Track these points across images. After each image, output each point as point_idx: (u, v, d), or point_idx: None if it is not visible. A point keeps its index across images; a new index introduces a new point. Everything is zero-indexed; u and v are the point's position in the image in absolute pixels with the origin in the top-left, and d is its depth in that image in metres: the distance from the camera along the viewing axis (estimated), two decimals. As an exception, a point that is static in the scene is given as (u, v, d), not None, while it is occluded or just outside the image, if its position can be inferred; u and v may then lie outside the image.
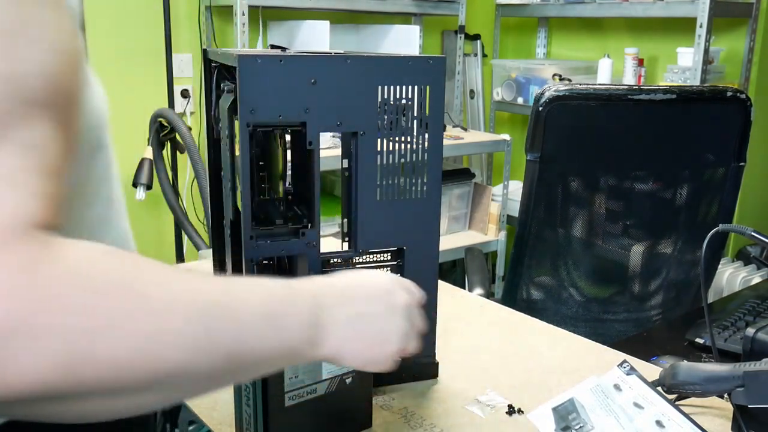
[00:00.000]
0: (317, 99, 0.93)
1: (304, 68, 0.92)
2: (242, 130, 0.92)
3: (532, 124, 1.47)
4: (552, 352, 1.19)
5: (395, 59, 0.96)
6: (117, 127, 2.70)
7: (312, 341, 0.61)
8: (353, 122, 0.96)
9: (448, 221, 3.10)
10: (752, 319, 1.36)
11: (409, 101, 0.97)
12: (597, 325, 1.70)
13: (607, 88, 1.48)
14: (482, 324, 1.31)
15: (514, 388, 1.06)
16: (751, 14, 2.82)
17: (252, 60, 0.89)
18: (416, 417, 0.98)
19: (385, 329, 0.68)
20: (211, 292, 0.55)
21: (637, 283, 1.71)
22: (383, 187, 0.99)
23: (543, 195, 1.55)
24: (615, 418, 0.90)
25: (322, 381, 0.88)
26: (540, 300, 1.69)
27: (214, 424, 0.95)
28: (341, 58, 0.93)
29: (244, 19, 2.63)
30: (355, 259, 1.04)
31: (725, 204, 1.64)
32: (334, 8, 2.87)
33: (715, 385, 0.90)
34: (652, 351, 1.29)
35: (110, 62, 2.75)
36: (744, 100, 1.53)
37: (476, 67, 3.69)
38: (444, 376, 1.09)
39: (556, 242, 1.65)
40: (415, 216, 1.01)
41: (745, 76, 2.89)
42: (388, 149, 0.98)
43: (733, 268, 2.74)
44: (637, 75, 3.01)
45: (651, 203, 1.65)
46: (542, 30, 3.65)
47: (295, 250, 0.98)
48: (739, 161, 1.60)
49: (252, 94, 0.90)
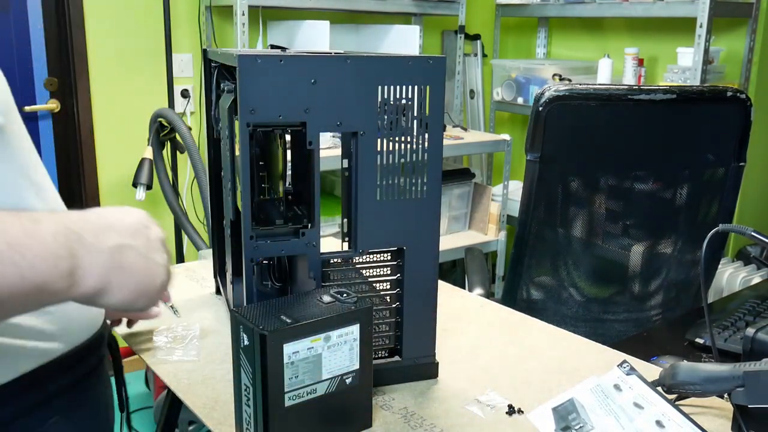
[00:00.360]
0: (317, 99, 0.93)
1: (304, 68, 0.92)
2: (242, 130, 0.92)
3: (532, 124, 1.47)
4: (552, 352, 1.19)
5: (395, 59, 0.96)
6: (117, 127, 2.71)
7: (69, 275, 0.58)
8: (353, 122, 0.96)
9: (448, 221, 3.10)
10: (752, 319, 1.36)
11: (409, 101, 0.97)
12: (597, 325, 1.70)
13: (607, 88, 1.48)
14: (482, 324, 1.31)
15: (514, 388, 1.06)
16: (751, 14, 2.82)
17: (252, 60, 0.89)
18: (416, 417, 0.98)
19: (150, 261, 0.67)
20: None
21: (637, 283, 1.71)
22: (383, 187, 0.99)
23: (543, 195, 1.55)
24: (615, 418, 0.90)
25: (322, 381, 0.88)
26: (540, 300, 1.69)
27: (214, 424, 0.95)
28: (341, 58, 0.93)
29: (244, 19, 2.63)
30: (355, 259, 1.04)
31: (725, 204, 1.64)
32: (334, 8, 2.87)
33: (715, 385, 0.90)
34: (652, 351, 1.29)
35: (110, 62, 2.75)
36: (744, 100, 1.53)
37: (476, 67, 3.69)
38: (444, 376, 1.09)
39: (556, 242, 1.65)
40: (415, 216, 1.01)
41: (745, 76, 2.89)
42: (388, 149, 0.98)
43: (733, 268, 2.74)
44: (637, 75, 3.01)
45: (651, 203, 1.65)
46: (542, 30, 3.65)
47: (295, 250, 0.98)
48: (739, 161, 1.60)
49: (252, 94, 0.90)
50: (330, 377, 0.89)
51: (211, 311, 1.33)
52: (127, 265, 0.64)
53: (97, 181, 2.79)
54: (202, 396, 1.02)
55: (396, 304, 1.05)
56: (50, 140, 2.77)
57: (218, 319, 1.29)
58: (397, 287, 1.05)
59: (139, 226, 0.68)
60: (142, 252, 0.66)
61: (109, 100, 2.77)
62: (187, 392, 1.03)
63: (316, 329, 0.86)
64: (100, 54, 2.72)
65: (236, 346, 0.87)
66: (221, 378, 1.07)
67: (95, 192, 2.79)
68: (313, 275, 0.98)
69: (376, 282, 1.05)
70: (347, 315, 0.89)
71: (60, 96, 2.74)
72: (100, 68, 2.73)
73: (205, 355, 1.14)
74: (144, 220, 0.70)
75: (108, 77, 2.76)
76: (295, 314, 0.86)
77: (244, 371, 0.86)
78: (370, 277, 1.05)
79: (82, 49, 2.68)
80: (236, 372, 0.88)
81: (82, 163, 2.75)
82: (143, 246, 0.66)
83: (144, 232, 0.68)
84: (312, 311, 0.88)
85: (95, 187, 2.79)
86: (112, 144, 2.80)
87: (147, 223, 0.70)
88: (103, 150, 2.79)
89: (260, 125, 0.93)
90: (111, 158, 2.81)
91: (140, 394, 2.82)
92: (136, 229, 0.67)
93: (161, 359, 1.13)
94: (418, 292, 1.04)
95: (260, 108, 0.91)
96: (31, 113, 2.70)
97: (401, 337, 1.05)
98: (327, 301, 0.91)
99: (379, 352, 1.06)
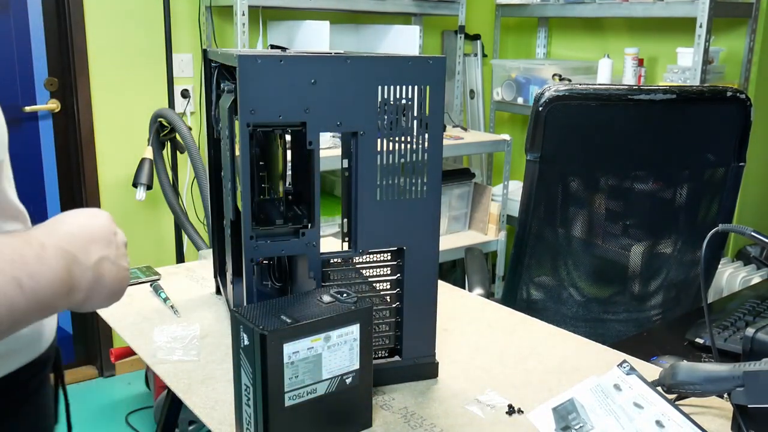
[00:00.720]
0: (317, 99, 0.93)
1: (304, 68, 0.92)
2: (242, 130, 0.92)
3: (532, 124, 1.47)
4: (552, 352, 1.20)
5: (395, 59, 0.96)
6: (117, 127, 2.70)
7: (68, 294, 0.65)
8: (353, 122, 0.96)
9: (448, 221, 3.10)
10: (752, 319, 1.36)
11: (409, 101, 0.97)
12: (597, 325, 1.70)
13: (607, 88, 1.48)
14: (482, 324, 1.31)
15: (514, 388, 1.06)
16: (751, 14, 2.82)
17: (252, 60, 0.89)
18: (416, 417, 0.98)
19: (120, 267, 0.72)
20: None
21: (637, 283, 1.71)
22: (383, 187, 0.99)
23: (543, 195, 1.55)
24: (615, 418, 0.90)
25: (322, 381, 0.88)
26: (540, 300, 1.69)
27: (214, 424, 0.95)
28: (341, 58, 0.93)
29: (244, 19, 2.63)
30: (355, 259, 1.04)
31: (725, 204, 1.64)
32: (334, 8, 2.87)
33: (715, 385, 0.90)
34: (652, 351, 1.29)
35: (110, 62, 2.75)
36: (744, 100, 1.53)
37: (476, 67, 3.69)
38: (444, 376, 1.09)
39: (556, 242, 1.65)
40: (415, 216, 1.01)
41: (745, 76, 2.89)
42: (388, 149, 0.98)
43: (733, 268, 2.74)
44: (637, 75, 3.01)
45: (651, 203, 1.65)
46: (542, 30, 3.65)
47: (295, 250, 0.98)
48: (739, 161, 1.60)
49: (252, 94, 0.90)
50: (330, 377, 0.89)
51: (211, 311, 1.33)
52: (104, 275, 0.69)
53: (97, 181, 2.79)
54: (202, 396, 1.02)
55: (396, 304, 1.05)
56: (50, 140, 2.77)
57: (218, 319, 1.29)
58: (397, 287, 1.05)
59: (109, 234, 0.72)
60: (114, 261, 0.71)
61: (109, 100, 2.77)
62: (187, 392, 1.03)
63: (316, 329, 0.86)
64: (100, 54, 2.72)
65: (236, 346, 0.87)
66: (221, 378, 1.07)
67: (95, 192, 2.79)
68: (313, 275, 0.99)
69: (376, 282, 1.05)
70: (347, 315, 0.89)
71: (60, 96, 2.74)
72: (100, 68, 2.73)
73: (205, 355, 1.14)
74: (111, 225, 0.73)
75: (108, 77, 2.76)
76: (295, 314, 0.86)
77: (244, 371, 0.86)
78: (370, 277, 1.05)
79: (82, 48, 2.68)
80: (236, 372, 0.88)
81: (82, 163, 2.75)
82: (114, 255, 0.71)
83: (114, 239, 0.72)
84: (312, 311, 0.88)
85: (95, 187, 2.79)
86: (112, 144, 2.80)
87: (114, 228, 0.73)
88: (103, 150, 2.79)
89: (260, 125, 0.94)
90: (111, 158, 2.81)
91: (140, 394, 2.82)
92: (109, 239, 0.71)
93: (161, 359, 1.13)
94: (418, 292, 1.04)
95: (260, 108, 0.91)
96: (31, 113, 2.70)
97: (401, 337, 1.05)
98: (327, 301, 0.91)
99: (379, 352, 1.06)
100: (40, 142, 2.75)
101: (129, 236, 2.85)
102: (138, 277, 1.48)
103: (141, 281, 1.46)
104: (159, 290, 1.40)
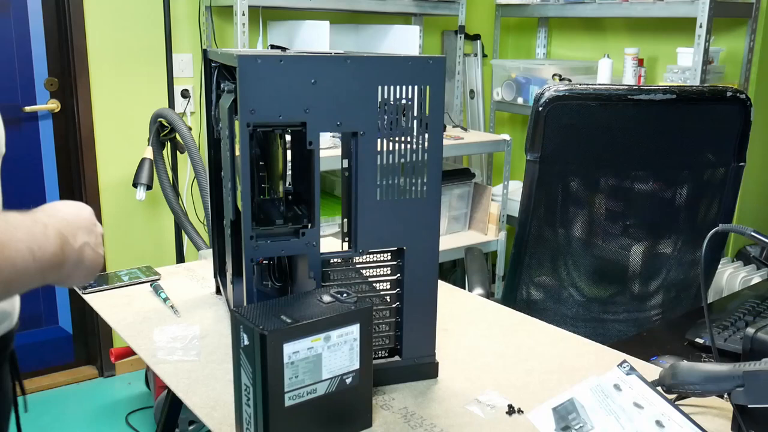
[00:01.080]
0: (317, 99, 0.93)
1: (304, 68, 0.92)
2: (242, 130, 0.92)
3: (532, 124, 1.47)
4: (552, 352, 1.19)
5: (395, 59, 0.96)
6: (117, 127, 2.71)
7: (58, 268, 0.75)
8: (353, 122, 0.96)
9: (448, 221, 3.10)
10: (752, 319, 1.36)
11: (409, 101, 0.97)
12: (597, 325, 1.70)
13: (607, 88, 1.48)
14: (482, 324, 1.31)
15: (514, 388, 1.06)
16: (751, 14, 2.82)
17: (252, 60, 0.89)
18: (416, 417, 0.98)
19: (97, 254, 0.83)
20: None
21: (637, 283, 1.71)
22: (383, 187, 0.99)
23: (543, 195, 1.55)
24: (615, 418, 0.90)
25: (322, 381, 0.88)
26: (540, 300, 1.69)
27: (214, 424, 0.95)
28: (341, 58, 0.93)
29: (244, 19, 2.63)
30: (355, 259, 1.04)
31: (725, 204, 1.64)
32: (334, 8, 2.87)
33: (715, 385, 0.90)
34: (652, 351, 1.29)
35: (110, 62, 2.75)
36: (744, 100, 1.53)
37: (476, 67, 3.69)
38: (444, 376, 1.09)
39: (556, 242, 1.65)
40: (415, 216, 1.01)
41: (745, 76, 2.89)
42: (388, 149, 0.98)
43: (733, 268, 2.74)
44: (637, 75, 3.01)
45: (651, 203, 1.65)
46: (542, 30, 3.65)
47: (295, 250, 0.98)
48: (739, 161, 1.60)
49: (252, 94, 0.90)
50: (330, 377, 0.89)
51: (211, 311, 1.33)
52: (84, 259, 0.80)
53: (97, 181, 2.79)
54: (202, 396, 1.02)
55: (396, 304, 1.05)
56: (50, 140, 2.77)
57: (218, 319, 1.29)
58: (397, 287, 1.05)
59: (91, 225, 0.83)
60: (93, 247, 0.82)
61: (109, 100, 2.77)
62: (187, 392, 1.03)
63: (316, 329, 0.86)
64: (100, 54, 2.72)
65: (236, 346, 0.87)
66: (221, 378, 1.07)
67: (95, 192, 2.79)
68: (313, 275, 0.99)
69: (376, 282, 1.05)
70: (347, 315, 0.89)
71: (60, 96, 2.74)
72: (100, 68, 2.73)
73: (205, 355, 1.14)
74: (93, 218, 0.85)
75: (108, 77, 2.76)
76: (295, 314, 0.86)
77: (244, 371, 0.86)
78: (370, 277, 1.05)
79: (82, 49, 2.68)
80: (236, 372, 0.88)
81: (82, 162, 2.75)
82: (94, 242, 0.82)
83: (94, 230, 0.83)
84: (312, 311, 0.88)
85: (95, 187, 2.79)
86: (112, 144, 2.80)
87: (95, 220, 0.85)
88: (103, 150, 2.79)
89: (260, 125, 0.94)
90: (111, 158, 2.81)
91: (140, 394, 2.82)
92: (90, 229, 0.82)
93: (161, 359, 1.13)
94: (418, 292, 1.04)
95: (260, 108, 0.91)
96: (31, 113, 2.70)
97: (401, 337, 1.05)
98: (327, 301, 0.91)
99: (379, 352, 1.06)
100: (40, 142, 2.75)
101: (129, 236, 2.88)
102: (138, 277, 1.48)
103: (141, 281, 1.46)
104: (159, 290, 1.40)
